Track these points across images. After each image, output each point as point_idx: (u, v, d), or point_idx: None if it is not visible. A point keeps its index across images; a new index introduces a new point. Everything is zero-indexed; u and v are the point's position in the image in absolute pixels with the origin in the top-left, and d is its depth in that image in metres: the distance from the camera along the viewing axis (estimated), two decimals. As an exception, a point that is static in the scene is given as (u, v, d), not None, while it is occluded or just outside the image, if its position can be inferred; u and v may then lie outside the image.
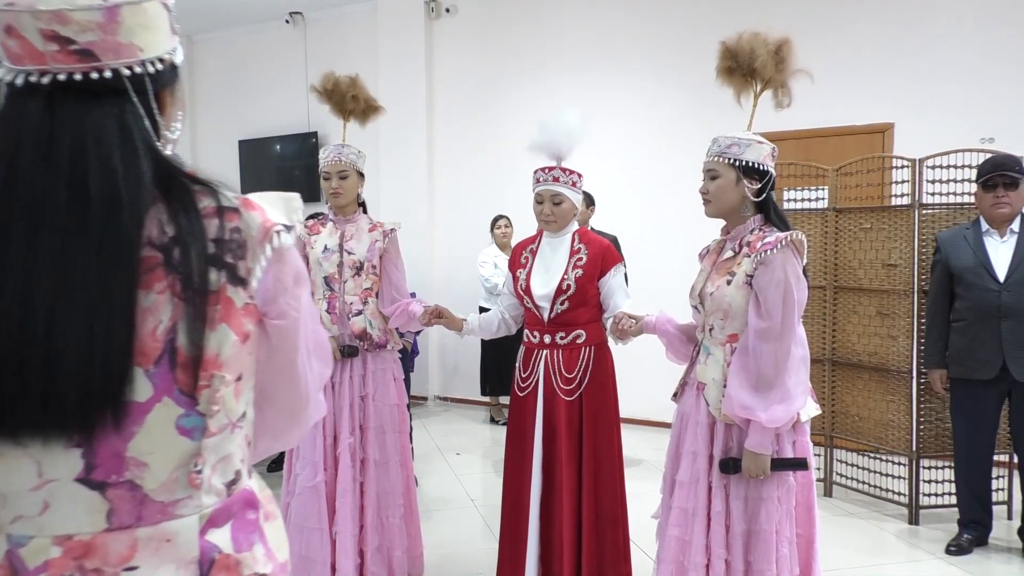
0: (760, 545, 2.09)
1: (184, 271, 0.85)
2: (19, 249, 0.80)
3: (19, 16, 0.82)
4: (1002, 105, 4.72)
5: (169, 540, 0.87)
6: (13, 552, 0.83)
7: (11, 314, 0.79)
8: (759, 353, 2.04)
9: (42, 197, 0.82)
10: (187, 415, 0.86)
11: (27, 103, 0.84)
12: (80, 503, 0.84)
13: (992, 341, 3.43)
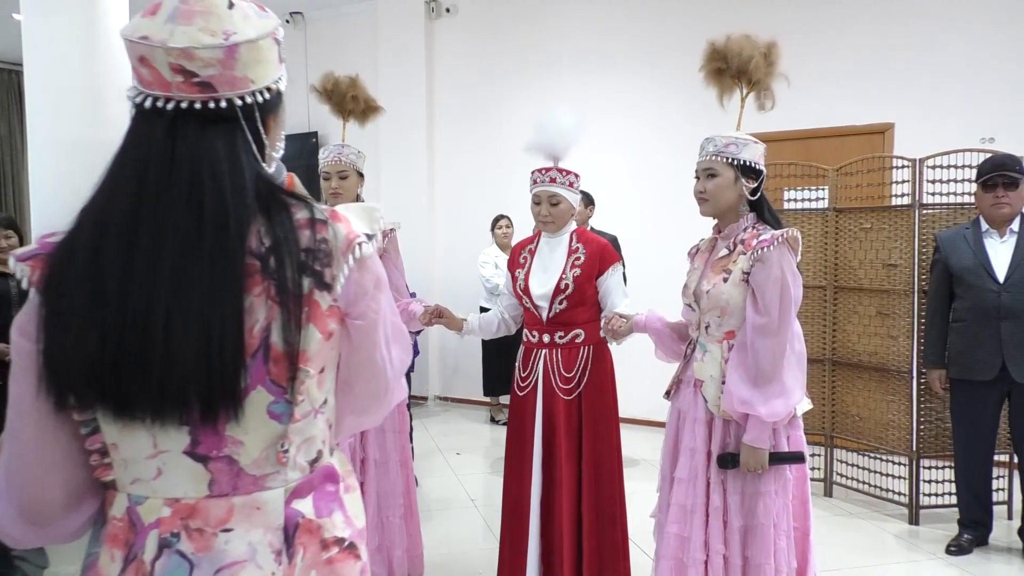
0: (758, 539, 2.10)
1: (279, 277, 0.95)
2: (144, 258, 0.91)
3: (153, 50, 0.93)
4: (1002, 105, 4.72)
5: (259, 508, 0.99)
6: (132, 509, 0.97)
7: (135, 317, 0.90)
8: (757, 349, 2.05)
9: (164, 214, 0.93)
10: (277, 402, 0.98)
11: (153, 125, 0.95)
12: (186, 472, 0.97)
13: (992, 342, 3.42)
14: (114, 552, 0.97)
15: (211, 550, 0.96)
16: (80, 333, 0.91)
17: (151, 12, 0.96)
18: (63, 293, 0.92)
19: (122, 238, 0.92)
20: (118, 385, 0.91)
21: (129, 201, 0.93)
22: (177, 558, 0.95)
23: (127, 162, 0.96)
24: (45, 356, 0.92)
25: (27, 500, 0.97)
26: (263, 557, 0.98)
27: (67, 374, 0.91)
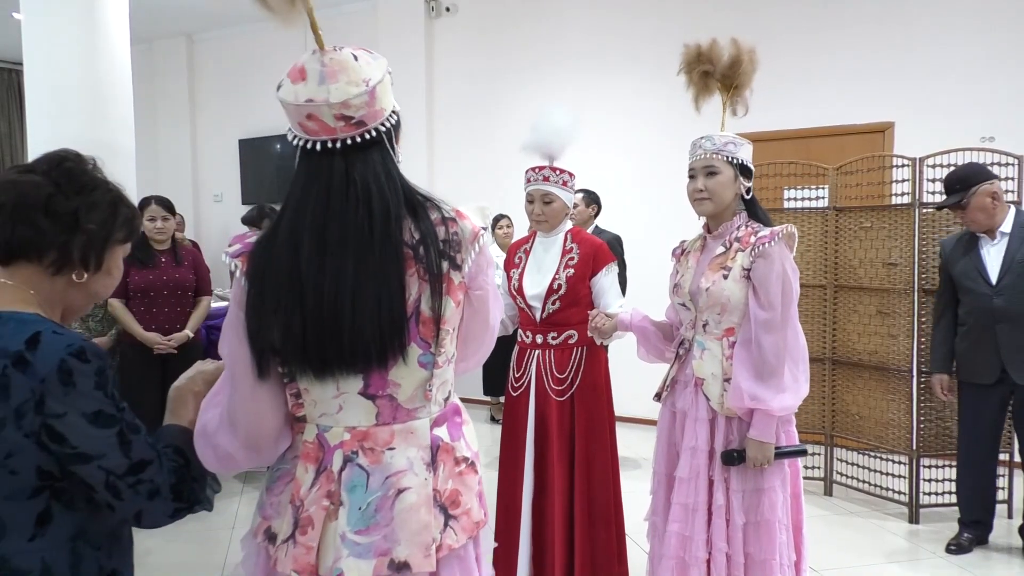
0: (763, 535, 2.11)
1: (427, 262, 1.26)
2: (333, 253, 1.22)
3: (319, 108, 1.23)
4: (1002, 104, 4.73)
5: (412, 432, 1.31)
6: (321, 435, 1.30)
7: (329, 297, 1.21)
8: (763, 344, 2.06)
9: (345, 218, 1.23)
10: (424, 354, 1.29)
11: (330, 159, 1.25)
12: (361, 407, 1.29)
13: (990, 345, 3.42)
14: (307, 466, 1.30)
15: (381, 463, 1.29)
16: (286, 314, 1.21)
17: (300, 77, 1.26)
18: (267, 282, 1.22)
19: (315, 239, 1.22)
20: (319, 352, 1.23)
21: (319, 212, 1.24)
22: (357, 469, 1.28)
23: (311, 185, 1.26)
24: (251, 333, 1.23)
25: (250, 435, 1.28)
26: (418, 468, 1.30)
27: (274, 347, 1.23)
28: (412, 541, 1.27)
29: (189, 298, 4.19)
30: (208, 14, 7.51)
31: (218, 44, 8.06)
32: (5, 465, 1.14)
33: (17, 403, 1.13)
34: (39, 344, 1.15)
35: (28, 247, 1.23)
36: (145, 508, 1.21)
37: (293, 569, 1.26)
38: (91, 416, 1.16)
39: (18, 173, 1.25)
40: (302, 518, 1.27)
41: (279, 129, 7.60)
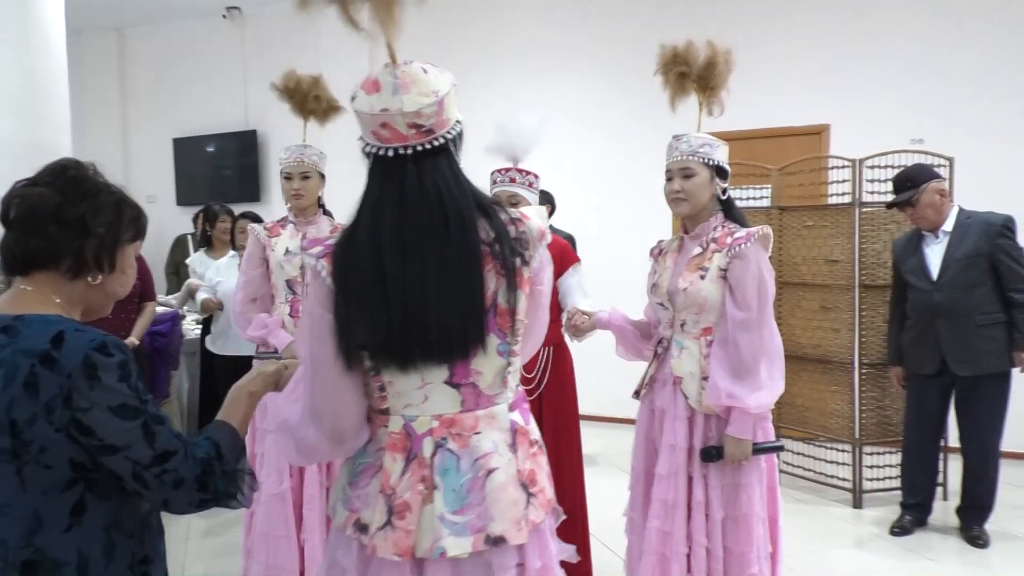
0: (741, 529, 2.18)
1: (502, 258, 1.35)
2: (413, 253, 1.31)
3: (393, 117, 1.33)
4: (930, 108, 4.97)
5: (494, 417, 1.41)
6: (407, 425, 1.38)
7: (414, 295, 1.30)
8: (739, 343, 2.13)
9: (422, 220, 1.32)
10: (501, 344, 1.39)
11: (402, 165, 1.35)
12: (446, 396, 1.38)
13: (931, 339, 3.60)
14: (395, 455, 1.37)
15: (469, 447, 1.38)
16: (372, 312, 1.30)
17: (374, 89, 1.36)
18: (352, 282, 1.31)
19: (395, 241, 1.31)
20: (405, 347, 1.32)
21: (397, 215, 1.33)
22: (448, 453, 1.37)
23: (386, 189, 1.36)
24: (340, 331, 1.31)
25: (335, 427, 1.36)
26: (502, 450, 1.40)
27: (362, 343, 1.32)
28: (504, 516, 1.36)
29: (134, 304, 4.06)
30: (139, 7, 7.24)
31: (150, 39, 7.78)
32: (39, 460, 1.18)
33: (46, 399, 1.17)
34: (63, 342, 1.19)
35: (44, 257, 1.28)
36: (171, 497, 1.25)
37: (395, 553, 1.33)
38: (116, 409, 1.20)
39: (24, 187, 1.30)
40: (397, 504, 1.35)
41: (216, 128, 7.44)
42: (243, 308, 2.99)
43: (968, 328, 3.54)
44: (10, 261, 1.30)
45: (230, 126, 7.40)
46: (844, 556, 3.57)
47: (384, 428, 1.39)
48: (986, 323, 3.55)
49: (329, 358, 1.32)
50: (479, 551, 1.34)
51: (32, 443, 1.18)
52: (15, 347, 1.20)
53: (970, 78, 4.91)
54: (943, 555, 3.57)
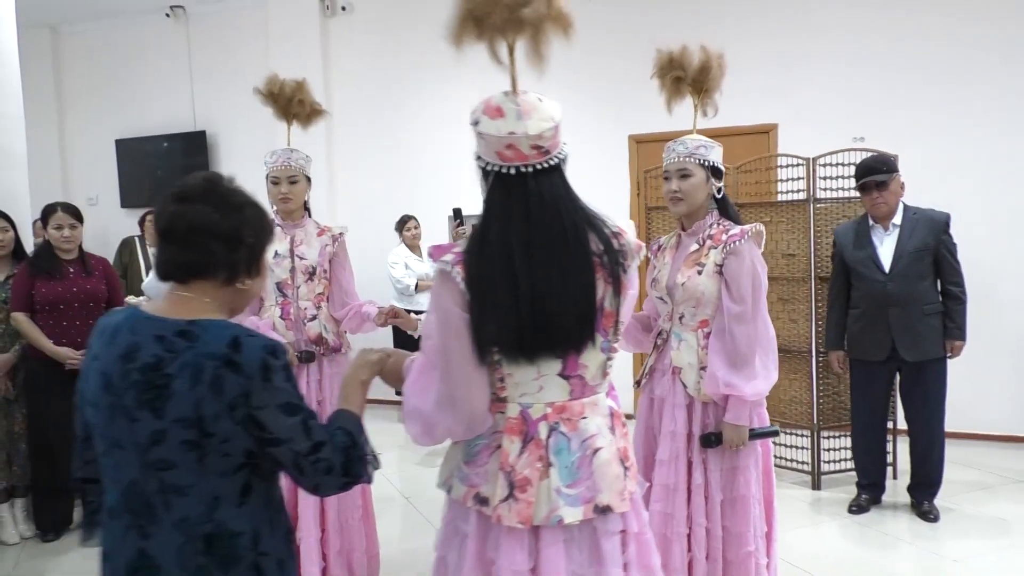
0: (739, 510, 2.31)
1: (609, 268, 1.54)
2: (539, 260, 1.48)
3: (519, 139, 1.48)
4: (871, 108, 5.24)
5: (596, 404, 1.61)
6: (524, 411, 1.56)
7: (540, 297, 1.46)
8: (735, 334, 2.25)
9: (546, 232, 1.49)
10: (604, 341, 1.58)
11: (523, 181, 1.51)
12: (558, 386, 1.56)
13: (882, 326, 3.82)
14: (512, 438, 1.55)
15: (578, 430, 1.58)
16: (504, 313, 1.47)
17: (499, 114, 1.51)
18: (485, 286, 1.47)
19: (523, 251, 1.48)
20: (532, 343, 1.50)
21: (524, 227, 1.49)
22: (561, 436, 1.56)
23: (509, 203, 1.51)
24: (474, 329, 1.48)
25: (466, 413, 1.53)
26: (604, 432, 1.60)
27: (493, 340, 1.49)
28: (610, 489, 1.57)
29: (101, 309, 3.97)
30: (75, 5, 7.03)
31: (87, 37, 7.55)
32: (219, 450, 1.33)
33: (230, 398, 1.32)
34: (241, 346, 1.34)
35: (203, 267, 1.42)
36: (322, 482, 1.41)
37: (518, 521, 1.52)
38: (283, 406, 1.36)
39: (177, 203, 1.41)
40: (518, 480, 1.53)
41: (161, 128, 7.27)
42: (232, 311, 2.98)
43: (916, 316, 3.77)
44: (170, 271, 1.43)
45: (177, 127, 7.25)
46: (805, 533, 3.76)
47: (501, 414, 1.57)
48: (930, 312, 3.80)
49: (464, 352, 1.49)
50: (588, 519, 1.55)
51: (215, 435, 1.32)
52: (197, 350, 1.32)
53: (907, 80, 5.20)
54: (898, 530, 3.80)
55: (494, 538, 1.55)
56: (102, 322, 1.47)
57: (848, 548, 3.61)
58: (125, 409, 1.34)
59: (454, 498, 1.62)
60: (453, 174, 6.40)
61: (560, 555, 1.54)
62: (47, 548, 3.77)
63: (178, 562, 1.35)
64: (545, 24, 1.49)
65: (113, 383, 1.35)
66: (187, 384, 1.31)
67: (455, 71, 6.33)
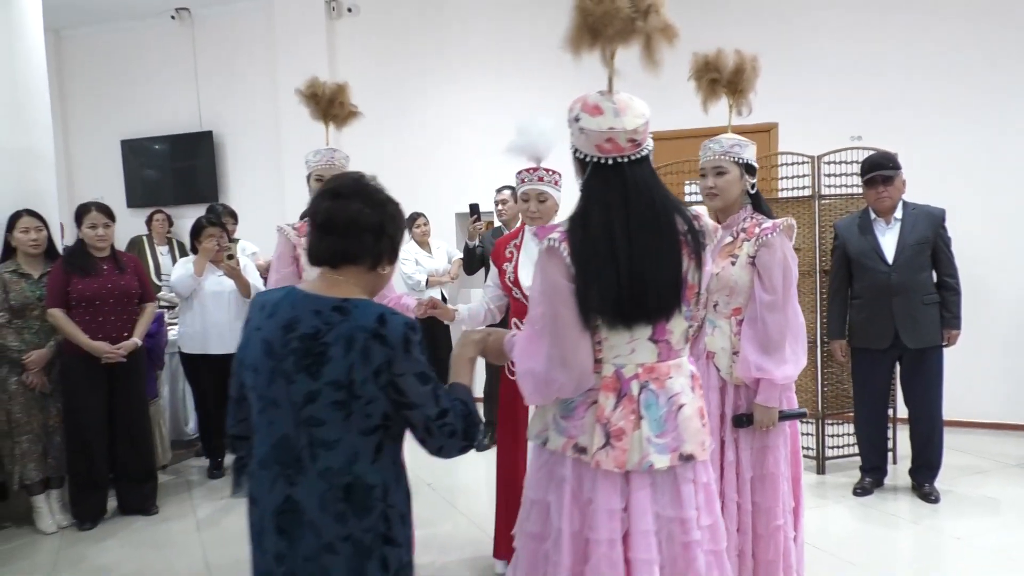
0: (768, 487, 2.46)
1: (694, 246, 1.75)
2: (637, 238, 1.69)
3: (618, 133, 1.71)
4: (868, 107, 5.44)
5: (680, 366, 1.82)
6: (618, 371, 1.77)
7: (638, 272, 1.67)
8: (767, 322, 2.41)
9: (641, 214, 1.71)
10: (687, 311, 1.79)
11: (620, 170, 1.73)
12: (648, 349, 1.77)
13: (885, 315, 4.01)
14: (607, 394, 1.76)
15: (665, 388, 1.78)
16: (607, 284, 1.68)
17: (598, 112, 1.72)
18: (590, 260, 1.68)
19: (623, 230, 1.69)
20: (631, 311, 1.70)
21: (623, 210, 1.71)
22: (650, 393, 1.77)
23: (608, 189, 1.73)
24: (580, 299, 1.68)
25: (576, 372, 1.72)
26: (687, 391, 1.81)
27: (598, 307, 1.69)
28: (693, 440, 1.79)
29: (135, 305, 4.09)
30: (79, 8, 7.09)
31: (89, 41, 7.62)
32: (363, 410, 1.54)
33: (375, 365, 1.52)
34: (387, 322, 1.54)
35: (355, 256, 1.64)
36: (446, 444, 1.61)
37: (615, 466, 1.74)
38: (419, 375, 1.56)
39: (332, 199, 1.65)
40: (613, 430, 1.75)
41: (166, 129, 7.37)
42: (276, 304, 3.11)
43: (917, 306, 3.97)
44: (325, 257, 1.65)
45: (183, 127, 7.33)
46: (813, 514, 3.91)
47: (597, 374, 1.77)
48: (929, 302, 4.00)
49: (571, 318, 1.69)
50: (673, 466, 1.77)
51: (361, 397, 1.53)
52: (350, 324, 1.54)
53: (903, 80, 5.40)
54: (901, 510, 4.00)
55: (590, 481, 1.76)
56: (260, 298, 1.69)
57: (856, 526, 3.80)
58: (285, 372, 1.55)
59: (551, 448, 1.82)
60: (459, 173, 6.55)
61: (647, 497, 1.75)
62: (85, 536, 3.88)
63: (320, 507, 1.55)
64: (656, 35, 1.69)
65: (275, 350, 1.57)
66: (341, 352, 1.51)
67: (461, 72, 6.50)
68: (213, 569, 3.47)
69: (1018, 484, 4.32)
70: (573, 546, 1.76)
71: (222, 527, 4.01)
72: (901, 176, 4.00)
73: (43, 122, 4.34)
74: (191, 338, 4.72)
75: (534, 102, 6.20)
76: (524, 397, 1.81)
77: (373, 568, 1.58)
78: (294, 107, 6.92)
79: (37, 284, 3.94)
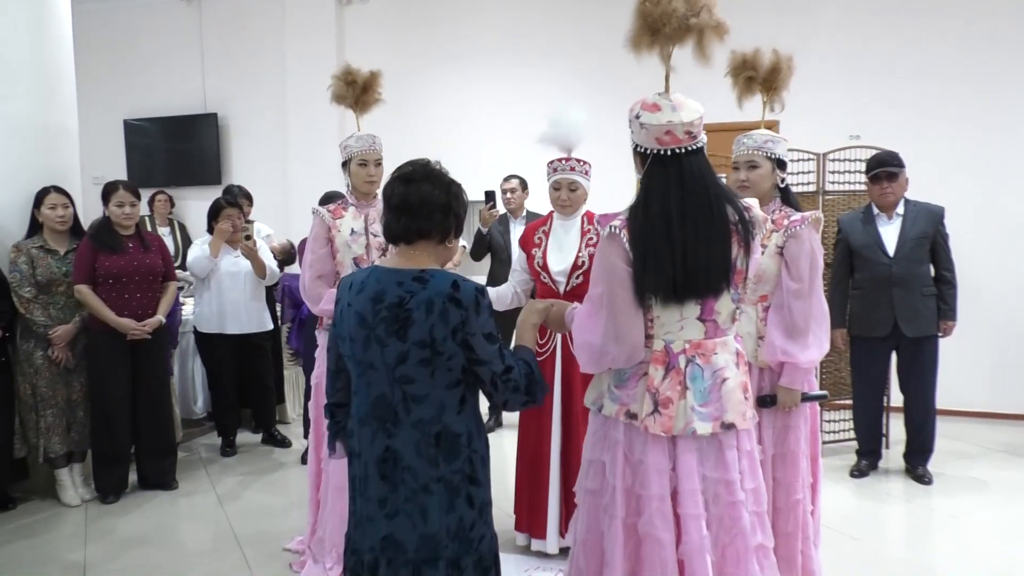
0: (789, 463, 2.62)
1: (743, 234, 1.92)
2: (692, 224, 1.86)
3: (675, 127, 1.88)
4: (864, 106, 5.63)
5: (725, 344, 1.98)
6: (667, 346, 1.94)
7: (691, 256, 1.85)
8: (793, 309, 2.56)
9: (695, 201, 1.88)
10: (734, 293, 1.96)
11: (677, 161, 1.90)
12: (695, 327, 1.94)
13: (885, 305, 4.20)
14: (657, 367, 1.94)
15: (710, 363, 1.95)
16: (660, 267, 1.85)
17: (656, 109, 1.90)
18: (648, 244, 1.85)
19: (680, 217, 1.86)
20: (683, 291, 1.88)
21: (678, 197, 1.87)
22: (696, 366, 1.94)
23: (665, 178, 1.90)
24: (637, 280, 1.86)
25: (629, 346, 1.90)
26: (731, 366, 1.98)
27: (654, 288, 1.87)
28: (735, 410, 1.95)
29: (159, 283, 4.17)
30: (84, -15, 7.08)
31: (95, 18, 7.58)
32: (445, 365, 1.76)
33: (452, 325, 1.73)
34: (460, 287, 1.75)
35: (428, 232, 1.83)
36: (510, 398, 1.83)
37: (661, 430, 1.92)
38: (487, 335, 1.77)
39: (405, 184, 1.85)
40: (661, 399, 1.93)
41: (171, 110, 7.39)
42: (312, 284, 3.22)
43: (916, 296, 4.17)
44: (401, 234, 1.84)
45: (188, 109, 7.36)
46: (814, 497, 4.13)
47: (648, 348, 1.95)
48: (927, 294, 4.20)
49: (628, 298, 1.88)
50: (715, 433, 1.93)
51: (443, 354, 1.74)
52: (429, 290, 1.74)
53: (902, 81, 5.59)
54: (896, 490, 4.20)
55: (640, 444, 1.95)
56: (347, 279, 1.91)
57: (855, 503, 4.01)
58: (378, 338, 1.76)
59: (605, 414, 2.01)
60: (467, 161, 6.62)
61: (693, 459, 1.93)
62: (109, 509, 3.97)
63: (416, 453, 1.77)
64: (708, 30, 1.87)
65: (367, 320, 1.78)
66: (423, 315, 1.72)
67: (469, 61, 6.59)
68: (241, 539, 3.58)
69: (1004, 468, 4.55)
70: (626, 501, 1.96)
71: (244, 500, 4.12)
72: (904, 174, 4.18)
73: (69, 98, 4.39)
74: (207, 318, 4.80)
75: (541, 91, 6.34)
76: (580, 366, 2.02)
77: (461, 504, 1.80)
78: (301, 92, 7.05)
79: (63, 260, 4.01)
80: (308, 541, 3.28)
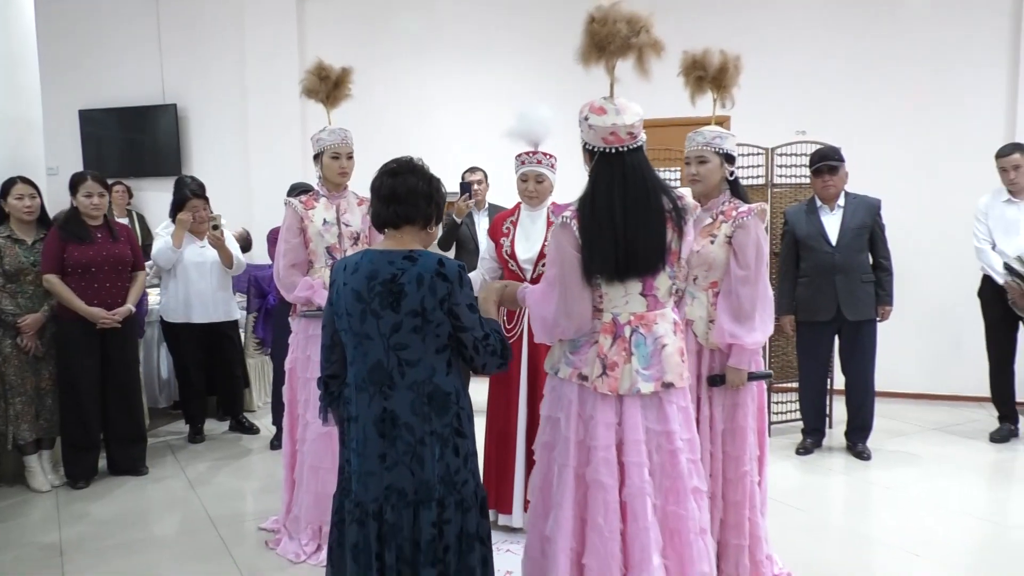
0: (737, 438, 2.83)
1: (676, 220, 2.21)
2: (631, 213, 2.15)
3: (619, 128, 2.15)
4: (811, 103, 5.89)
5: (664, 315, 2.28)
6: (615, 318, 2.22)
7: (630, 240, 2.13)
8: (740, 294, 2.76)
9: (635, 193, 2.16)
10: (671, 271, 2.25)
11: (620, 158, 2.18)
12: (639, 301, 2.23)
13: (829, 291, 4.46)
14: (606, 336, 2.22)
15: (651, 331, 2.24)
16: (605, 252, 2.13)
17: (603, 112, 2.18)
18: (593, 232, 2.14)
19: (622, 206, 2.14)
20: (626, 271, 2.16)
21: (621, 190, 2.16)
22: (639, 335, 2.23)
23: (610, 173, 2.18)
24: (585, 263, 2.14)
25: (577, 320, 2.20)
26: (670, 334, 2.27)
27: (600, 269, 2.15)
28: (673, 372, 2.26)
29: (128, 272, 4.23)
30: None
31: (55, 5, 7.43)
32: (435, 332, 2.03)
33: (440, 296, 2.01)
34: (445, 264, 2.03)
35: (413, 218, 2.11)
36: (488, 361, 2.13)
37: (609, 390, 2.21)
38: (468, 305, 2.07)
39: (392, 176, 2.11)
40: (609, 363, 2.22)
41: (128, 100, 7.35)
42: (286, 273, 3.34)
43: (856, 283, 4.44)
44: (390, 220, 2.10)
45: (146, 99, 7.33)
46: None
47: (598, 320, 2.24)
48: (866, 280, 4.48)
49: (577, 279, 2.17)
50: (656, 392, 2.24)
51: (432, 322, 2.02)
52: (418, 267, 2.02)
53: (846, 82, 5.87)
54: (838, 465, 4.49)
55: (590, 403, 2.24)
56: (341, 262, 2.16)
57: (800, 478, 4.28)
58: (373, 311, 2.02)
59: (560, 377, 2.30)
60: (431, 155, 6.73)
61: (638, 415, 2.23)
62: (80, 494, 4.04)
63: (411, 411, 2.04)
64: (647, 48, 2.18)
65: (363, 296, 2.03)
66: (414, 288, 1.99)
67: (432, 57, 6.69)
68: (216, 520, 3.69)
69: (936, 444, 4.86)
70: (578, 452, 2.25)
71: (215, 484, 4.22)
72: (845, 168, 4.43)
73: (33, 89, 4.40)
74: (173, 308, 4.86)
75: (505, 86, 6.48)
76: (535, 336, 2.37)
77: (449, 454, 2.08)
78: (262, 82, 7.09)
79: (31, 250, 4.05)
80: (283, 520, 3.41)
